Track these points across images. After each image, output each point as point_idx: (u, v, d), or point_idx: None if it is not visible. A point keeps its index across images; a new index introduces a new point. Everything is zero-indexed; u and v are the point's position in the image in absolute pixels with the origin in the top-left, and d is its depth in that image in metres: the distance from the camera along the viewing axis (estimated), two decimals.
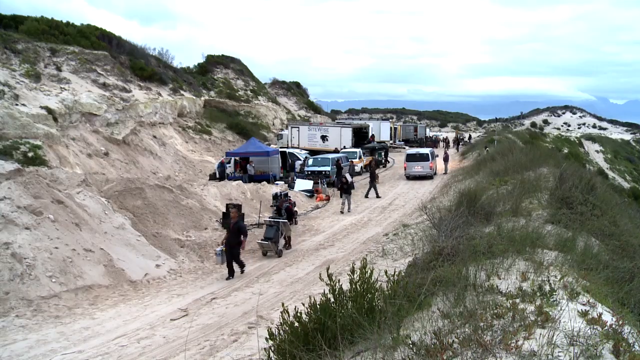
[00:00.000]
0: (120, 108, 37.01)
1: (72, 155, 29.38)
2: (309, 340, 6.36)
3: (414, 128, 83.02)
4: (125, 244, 16.80)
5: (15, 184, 16.19)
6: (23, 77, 32.42)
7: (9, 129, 26.57)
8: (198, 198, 23.84)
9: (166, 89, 46.45)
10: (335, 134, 47.28)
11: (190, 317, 12.92)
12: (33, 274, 13.78)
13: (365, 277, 7.00)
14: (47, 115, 30.10)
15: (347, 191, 27.36)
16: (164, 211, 20.85)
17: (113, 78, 39.94)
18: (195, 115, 49.07)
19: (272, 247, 18.71)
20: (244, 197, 26.09)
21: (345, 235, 21.54)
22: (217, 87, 61.00)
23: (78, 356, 10.78)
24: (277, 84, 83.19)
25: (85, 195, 18.39)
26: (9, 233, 14.51)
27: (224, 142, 47.45)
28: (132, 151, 35.58)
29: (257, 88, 69.06)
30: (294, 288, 14.77)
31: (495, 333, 4.97)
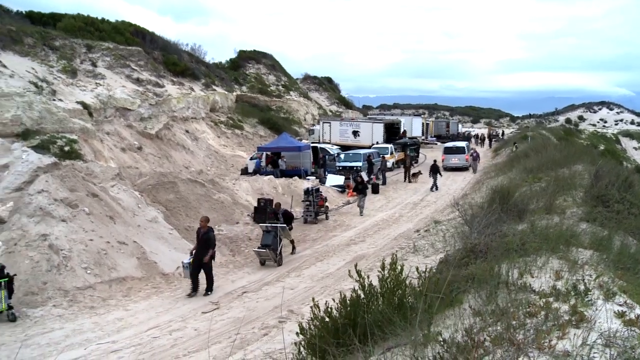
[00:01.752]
0: (154, 103, 37.41)
1: (106, 150, 29.81)
2: (339, 335, 6.36)
3: (446, 124, 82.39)
4: (157, 237, 17.00)
5: (52, 177, 16.50)
6: (60, 73, 32.99)
7: (46, 123, 27.06)
8: (230, 192, 24.00)
9: (199, 84, 46.80)
10: (367, 130, 47.14)
11: (222, 310, 13.04)
12: (69, 265, 14.05)
13: (395, 274, 6.98)
14: (83, 110, 30.58)
15: (362, 191, 25.70)
16: (196, 205, 21.04)
17: (146, 73, 40.39)
18: (228, 110, 49.36)
19: (270, 255, 17.11)
20: (276, 191, 26.18)
21: (376, 231, 21.48)
22: (249, 82, 61.27)
23: (112, 346, 10.97)
24: (309, 79, 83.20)
25: (119, 189, 18.66)
26: (46, 225, 14.82)
27: (256, 137, 47.65)
28: (165, 145, 35.96)
29: (289, 83, 69.16)
30: (324, 283, 14.79)
31: (528, 332, 4.91)
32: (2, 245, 14.13)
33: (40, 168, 16.79)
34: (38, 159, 17.54)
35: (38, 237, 14.39)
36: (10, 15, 38.70)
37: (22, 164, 16.99)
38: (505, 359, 4.41)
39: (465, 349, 4.62)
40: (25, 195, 15.73)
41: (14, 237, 14.37)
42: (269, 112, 55.89)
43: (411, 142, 49.24)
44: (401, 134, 51.85)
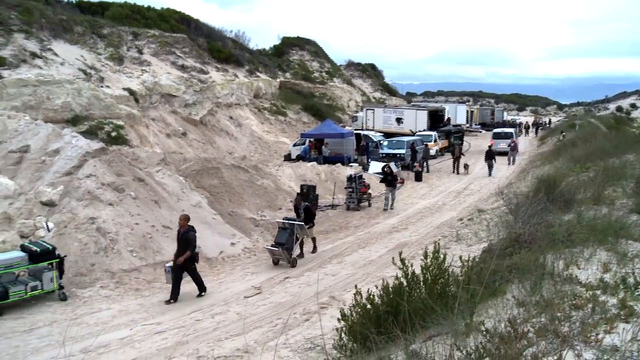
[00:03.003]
0: (198, 89, 37.83)
1: (152, 135, 30.32)
2: (381, 322, 6.36)
3: (490, 111, 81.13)
4: (201, 222, 17.21)
5: (100, 162, 16.87)
6: (108, 60, 33.64)
7: (94, 109, 27.67)
8: (273, 178, 24.14)
9: (242, 70, 47.09)
10: (410, 117, 46.75)
11: (263, 295, 13.15)
12: (116, 248, 14.37)
13: (438, 262, 6.93)
14: (129, 96, 31.16)
15: (392, 184, 23.71)
16: (239, 191, 21.23)
17: (191, 60, 40.83)
18: (271, 97, 49.57)
19: (283, 255, 15.56)
20: (318, 178, 26.22)
21: (419, 218, 21.34)
22: (293, 69, 61.36)
23: (156, 327, 11.20)
24: (352, 66, 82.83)
25: (164, 174, 18.94)
26: (94, 208, 15.18)
27: (299, 124, 47.77)
28: (209, 131, 36.36)
29: (332, 70, 69.01)
30: (366, 270, 14.78)
31: (573, 324, 4.81)
32: (53, 228, 14.55)
33: (88, 153, 17.17)
34: (87, 144, 17.94)
35: (86, 220, 14.76)
36: (62, 5, 39.62)
37: (71, 149, 17.41)
38: (549, 351, 4.34)
39: (508, 340, 4.56)
40: (74, 179, 16.13)
41: (64, 220, 14.77)
42: (312, 98, 55.91)
43: (455, 130, 48.65)
44: (445, 122, 51.29)
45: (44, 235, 14.35)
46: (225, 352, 9.54)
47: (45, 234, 14.40)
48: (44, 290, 12.49)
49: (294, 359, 7.99)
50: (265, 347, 9.58)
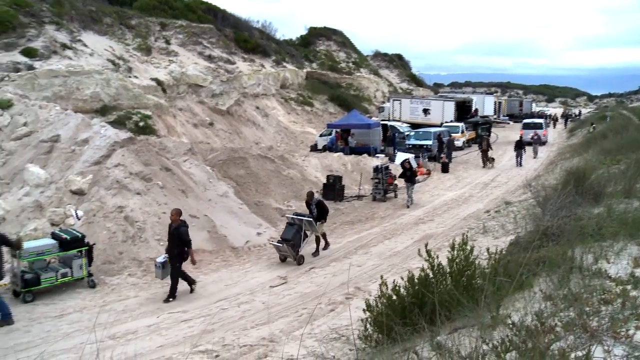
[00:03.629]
0: (225, 79, 37.98)
1: (179, 125, 30.55)
2: (406, 314, 6.35)
3: (519, 103, 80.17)
4: (228, 212, 17.31)
5: (128, 152, 17.04)
6: (135, 50, 33.94)
7: (122, 99, 27.94)
8: (299, 169, 24.18)
9: (269, 60, 47.13)
10: (437, 108, 46.43)
11: (289, 285, 13.21)
12: (143, 237, 14.54)
13: (465, 254, 6.89)
14: (157, 86, 31.41)
15: (411, 179, 22.55)
16: (265, 180, 21.31)
17: (218, 50, 40.99)
18: (298, 87, 49.57)
19: (289, 251, 14.86)
20: (345, 168, 26.20)
21: (445, 210, 21.22)
22: (319, 59, 61.23)
23: (182, 315, 11.32)
24: (379, 56, 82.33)
25: (191, 164, 19.08)
26: (122, 197, 15.36)
27: (326, 114, 47.71)
28: (235, 121, 36.51)
29: (359, 60, 68.72)
30: (392, 261, 14.75)
31: (602, 319, 4.73)
32: (83, 216, 14.77)
33: (117, 143, 17.35)
34: (115, 134, 18.13)
35: (115, 209, 14.95)
36: None
37: (100, 138, 17.61)
38: (577, 345, 4.28)
39: (534, 333, 4.51)
40: (103, 168, 16.32)
41: (93, 209, 14.98)
42: (339, 89, 55.77)
43: (483, 121, 48.21)
44: (472, 113, 50.85)
45: (74, 223, 14.57)
46: (251, 341, 9.60)
47: (75, 222, 14.62)
48: (73, 277, 12.71)
49: (319, 348, 8.01)
50: (291, 337, 9.64)
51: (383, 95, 63.61)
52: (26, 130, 18.54)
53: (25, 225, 14.47)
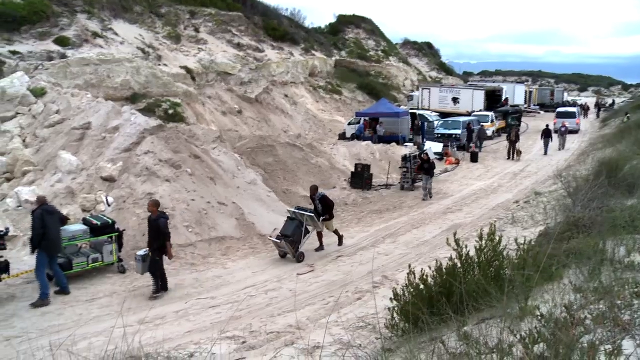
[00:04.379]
0: (254, 67, 38.07)
1: (207, 113, 30.72)
2: (433, 303, 6.31)
3: (550, 92, 78.79)
4: (256, 199, 17.39)
5: (157, 139, 17.19)
6: (165, 38, 34.19)
7: (152, 87, 28.18)
8: (327, 157, 24.16)
9: (298, 48, 47.10)
10: (466, 97, 45.97)
11: (316, 272, 13.23)
12: (172, 223, 14.65)
13: (493, 244, 6.81)
14: (186, 74, 31.63)
15: (428, 171, 21.62)
16: (293, 168, 21.34)
17: (247, 38, 41.07)
18: (326, 75, 49.47)
19: (288, 248, 14.03)
20: (373, 157, 26.12)
21: (473, 200, 21.04)
22: (348, 47, 61.00)
23: (210, 302, 11.42)
24: (408, 45, 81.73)
25: (220, 151, 19.18)
26: (151, 184, 15.52)
27: (354, 102, 47.55)
28: (264, 109, 36.59)
29: (388, 48, 68.29)
30: (419, 250, 14.68)
31: (635, 313, 4.64)
32: (113, 202, 14.97)
33: (146, 130, 17.51)
34: (145, 121, 18.30)
35: (144, 196, 15.11)
36: None
37: (130, 126, 17.80)
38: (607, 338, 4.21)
39: (563, 326, 4.44)
40: (133, 155, 16.50)
41: (122, 195, 15.18)
42: (367, 77, 55.52)
43: (513, 110, 47.56)
44: (502, 102, 50.20)
45: (104, 209, 14.79)
46: (278, 328, 9.65)
47: (105, 208, 14.84)
48: (104, 262, 12.91)
49: (345, 336, 8.01)
50: (317, 324, 9.66)
51: (412, 83, 63.15)
52: (58, 117, 18.83)
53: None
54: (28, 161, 17.13)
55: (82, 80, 25.35)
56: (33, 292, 11.74)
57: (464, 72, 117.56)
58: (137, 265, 12.18)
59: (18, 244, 13.67)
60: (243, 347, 8.73)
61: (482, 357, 4.13)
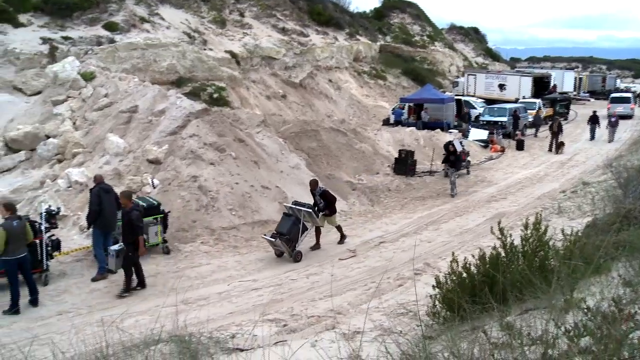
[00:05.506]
0: (298, 52, 38.07)
1: (252, 97, 30.88)
2: (476, 292, 6.24)
3: (601, 79, 76.44)
4: (299, 184, 17.44)
5: (202, 123, 17.38)
6: (210, 23, 34.43)
7: (197, 71, 28.46)
8: (371, 142, 24.06)
9: (342, 33, 46.86)
10: (513, 83, 45.03)
11: (358, 258, 13.23)
12: (216, 206, 14.86)
13: (539, 234, 6.69)
14: (231, 59, 31.83)
15: (455, 165, 20.27)
16: (337, 154, 21.32)
17: (292, 23, 41.06)
18: (371, 60, 49.14)
19: (283, 247, 13.02)
20: (417, 143, 25.89)
21: (519, 189, 20.68)
22: (393, 32, 60.39)
23: (252, 284, 11.55)
24: (455, 30, 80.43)
25: (264, 135, 19.28)
26: (196, 167, 15.72)
27: (399, 88, 47.17)
28: (308, 94, 36.59)
29: (434, 33, 67.35)
30: (462, 238, 14.54)
31: None
32: (159, 184, 15.23)
33: (192, 114, 17.71)
34: (190, 105, 18.51)
35: (189, 178, 15.33)
36: None
37: (176, 109, 18.03)
38: None
39: (611, 320, 4.32)
40: (178, 138, 16.73)
41: (168, 177, 15.42)
42: (412, 62, 54.93)
43: (561, 98, 46.41)
44: (551, 89, 49.02)
45: (150, 192, 15.05)
46: (318, 312, 9.70)
47: (151, 190, 15.10)
48: (149, 243, 13.14)
49: (386, 322, 8.00)
50: (358, 310, 9.67)
51: (457, 69, 62.23)
52: (107, 101, 19.20)
53: None
54: (78, 143, 17.55)
55: (130, 64, 25.76)
56: (82, 269, 12.16)
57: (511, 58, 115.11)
58: (110, 261, 11.50)
59: (68, 223, 14.06)
60: (284, 330, 8.81)
61: (525, 349, 4.07)
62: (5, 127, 19.20)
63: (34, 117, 19.49)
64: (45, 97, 20.45)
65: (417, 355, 4.39)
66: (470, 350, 4.14)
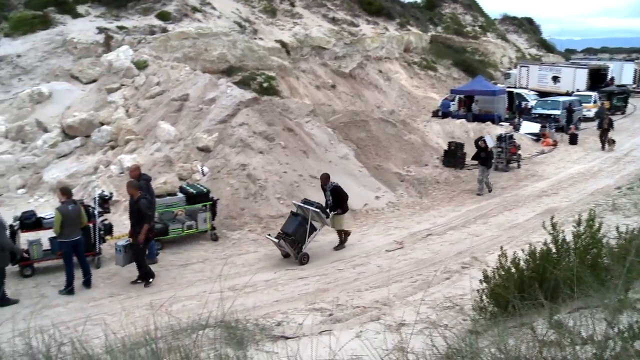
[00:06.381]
0: (348, 42, 37.93)
1: (301, 87, 30.94)
2: (524, 288, 6.13)
3: None
4: (347, 174, 17.43)
5: (252, 111, 17.53)
6: (261, 13, 34.61)
7: (248, 61, 28.66)
8: (420, 134, 23.85)
9: (393, 23, 46.47)
10: (568, 75, 43.85)
11: (405, 250, 13.17)
12: (264, 195, 15.00)
13: (592, 231, 6.53)
14: (281, 48, 31.94)
15: (485, 162, 18.92)
16: (386, 145, 21.21)
17: (342, 13, 40.92)
18: (421, 51, 48.60)
19: (287, 248, 12.23)
20: (467, 136, 25.53)
21: (571, 184, 20.19)
22: (445, 23, 59.57)
23: (299, 273, 11.66)
24: (508, 20, 78.74)
25: (313, 125, 19.32)
26: (245, 155, 15.89)
27: (449, 79, 46.55)
28: (357, 84, 36.45)
29: (486, 24, 66.16)
30: (511, 233, 14.31)
31: None
32: (208, 172, 15.46)
33: (242, 102, 17.89)
34: (240, 94, 18.69)
35: (238, 167, 15.51)
36: None
37: (226, 98, 18.23)
38: None
39: None
40: (228, 127, 16.93)
41: (217, 165, 15.64)
42: (463, 53, 54.09)
43: (619, 91, 44.94)
44: (608, 82, 47.57)
45: (200, 179, 15.29)
46: (364, 303, 9.69)
47: (201, 178, 15.34)
48: (198, 230, 13.38)
49: (432, 315, 7.96)
50: (404, 302, 9.63)
51: (510, 61, 61.01)
52: (159, 89, 19.56)
53: (155, 178, 15.34)
54: (130, 130, 17.94)
55: (181, 53, 26.12)
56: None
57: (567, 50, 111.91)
58: (117, 256, 11.35)
59: (120, 208, 14.40)
60: (329, 320, 8.84)
61: (575, 348, 3.99)
62: (63, 114, 19.78)
63: (89, 105, 20.01)
64: (100, 85, 20.98)
65: (464, 350, 4.36)
66: (517, 347, 4.09)
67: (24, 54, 23.73)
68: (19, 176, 17.15)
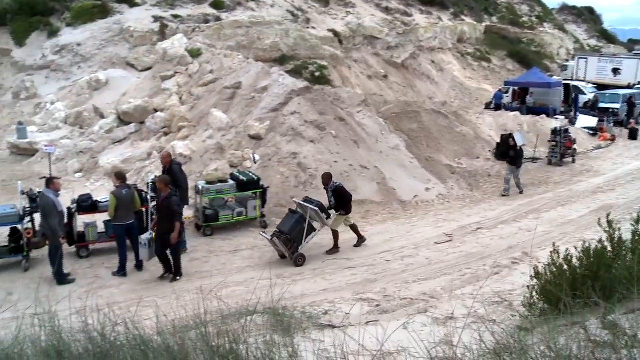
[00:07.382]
0: (401, 32, 37.60)
1: (353, 76, 30.86)
2: (577, 286, 6.01)
3: None
4: (398, 165, 17.36)
5: (304, 100, 17.60)
6: (314, 2, 34.59)
7: (300, 50, 28.73)
8: (472, 126, 23.51)
9: (447, 13, 45.82)
10: (630, 67, 42.33)
11: (454, 243, 13.06)
12: (314, 184, 15.06)
13: None
14: (333, 37, 31.88)
15: (514, 162, 17.98)
16: (437, 136, 21.00)
17: (395, 2, 40.58)
18: (475, 42, 47.77)
19: (281, 247, 11.62)
20: (520, 129, 25.08)
21: (629, 180, 19.59)
22: (500, 13, 58.36)
23: (347, 263, 11.71)
24: (566, 10, 76.55)
25: (365, 115, 19.27)
26: (296, 144, 15.98)
27: (503, 71, 45.67)
28: (409, 75, 36.13)
29: (543, 14, 64.54)
30: (564, 229, 14.00)
31: None
32: (259, 160, 15.62)
33: (293, 91, 17.97)
34: (292, 82, 18.78)
35: (289, 155, 15.61)
36: None
37: (278, 87, 18.35)
38: None
39: None
40: (279, 115, 17.04)
41: (268, 153, 15.78)
42: (519, 44, 52.92)
43: None
44: None
45: (250, 166, 15.46)
46: (412, 295, 9.67)
47: (252, 165, 15.51)
48: (247, 217, 13.57)
49: (480, 310, 7.88)
50: (452, 295, 9.57)
51: (567, 52, 59.40)
52: (212, 77, 19.82)
53: (207, 165, 15.62)
54: (183, 117, 18.25)
55: (234, 42, 26.37)
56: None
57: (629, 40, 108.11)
58: (142, 250, 11.09)
59: None
60: (376, 310, 8.86)
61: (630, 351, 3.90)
62: (119, 100, 20.29)
63: (144, 92, 20.46)
64: (155, 73, 21.41)
65: (512, 346, 4.31)
66: (568, 346, 4.01)
67: (84, 42, 24.43)
68: (77, 160, 17.72)
